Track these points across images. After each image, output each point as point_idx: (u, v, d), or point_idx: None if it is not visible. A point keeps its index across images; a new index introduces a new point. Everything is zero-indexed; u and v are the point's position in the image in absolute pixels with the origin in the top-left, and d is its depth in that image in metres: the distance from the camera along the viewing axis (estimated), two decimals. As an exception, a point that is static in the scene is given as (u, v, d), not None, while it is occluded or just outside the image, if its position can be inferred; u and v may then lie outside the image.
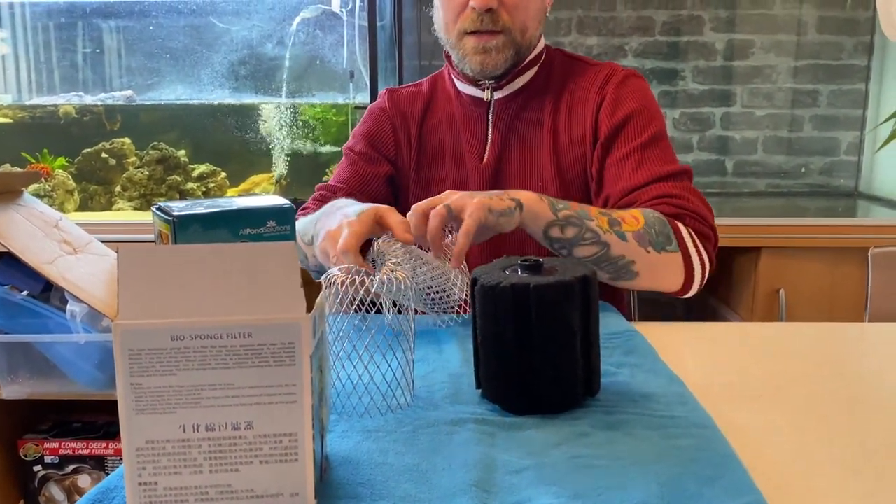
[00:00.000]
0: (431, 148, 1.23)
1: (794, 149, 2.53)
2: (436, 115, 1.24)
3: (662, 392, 0.73)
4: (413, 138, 1.23)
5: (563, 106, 1.18)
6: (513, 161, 1.19)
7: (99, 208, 2.32)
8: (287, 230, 0.67)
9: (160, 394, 0.48)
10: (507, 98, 1.19)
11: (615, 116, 1.13)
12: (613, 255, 0.97)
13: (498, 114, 1.20)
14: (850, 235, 1.93)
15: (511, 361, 0.68)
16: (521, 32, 1.13)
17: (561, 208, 0.96)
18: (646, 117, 1.14)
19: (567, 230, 0.95)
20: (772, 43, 2.48)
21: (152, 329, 0.47)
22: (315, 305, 0.51)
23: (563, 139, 1.17)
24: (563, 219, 0.95)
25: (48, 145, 2.29)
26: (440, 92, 1.26)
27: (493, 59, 1.12)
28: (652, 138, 1.12)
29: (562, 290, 0.67)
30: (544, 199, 0.96)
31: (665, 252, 0.99)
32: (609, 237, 0.96)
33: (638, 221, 0.99)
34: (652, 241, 0.99)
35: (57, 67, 2.47)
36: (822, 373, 0.85)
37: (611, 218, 0.98)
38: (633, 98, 1.15)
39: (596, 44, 2.49)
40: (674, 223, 1.03)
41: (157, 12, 2.41)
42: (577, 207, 0.98)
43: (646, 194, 1.07)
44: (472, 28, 1.11)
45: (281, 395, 0.49)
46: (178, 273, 0.49)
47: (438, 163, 1.22)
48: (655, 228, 1.00)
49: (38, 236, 0.52)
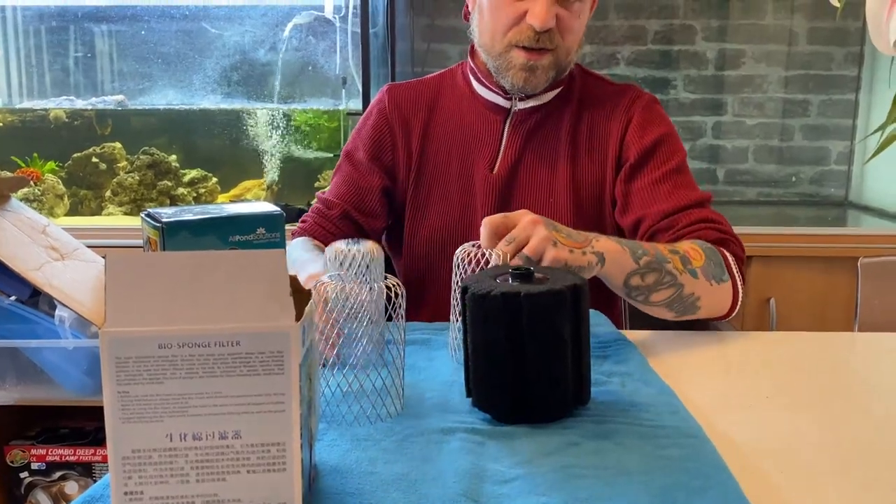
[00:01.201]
0: (436, 149, 1.19)
1: (785, 158, 2.55)
2: (443, 114, 1.20)
3: (652, 401, 0.73)
4: (415, 140, 1.19)
5: (583, 123, 1.17)
6: (526, 174, 1.17)
7: (89, 213, 2.31)
8: (276, 237, 0.66)
9: (147, 402, 0.47)
10: (529, 110, 1.17)
11: (645, 139, 1.14)
12: (686, 293, 0.96)
13: (515, 124, 1.17)
14: (840, 245, 1.94)
15: (501, 370, 0.68)
16: (567, 54, 1.12)
17: (641, 254, 0.93)
18: (673, 143, 1.15)
19: (648, 277, 0.93)
20: (763, 53, 2.49)
21: (139, 337, 0.47)
22: (304, 314, 0.50)
23: (581, 157, 1.16)
24: (645, 265, 0.92)
25: (38, 149, 2.28)
26: (450, 90, 1.22)
27: (537, 77, 1.11)
28: (680, 164, 1.14)
29: (553, 298, 0.67)
30: (625, 246, 0.93)
31: (721, 283, 1.00)
32: (684, 277, 0.95)
33: (700, 256, 0.98)
34: (714, 274, 0.99)
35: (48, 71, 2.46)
36: (812, 382, 0.85)
37: (681, 256, 0.96)
38: (660, 122, 1.16)
39: (588, 52, 2.50)
40: (721, 251, 1.03)
41: (149, 17, 2.40)
42: (652, 250, 0.95)
43: (685, 218, 1.08)
44: (525, 43, 1.08)
45: (269, 405, 0.48)
46: (165, 280, 0.49)
47: (443, 167, 1.18)
48: (713, 261, 1.00)
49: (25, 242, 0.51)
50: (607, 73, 2.50)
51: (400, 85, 1.24)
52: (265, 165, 2.36)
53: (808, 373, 0.88)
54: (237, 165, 2.38)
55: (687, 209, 1.09)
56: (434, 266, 1.17)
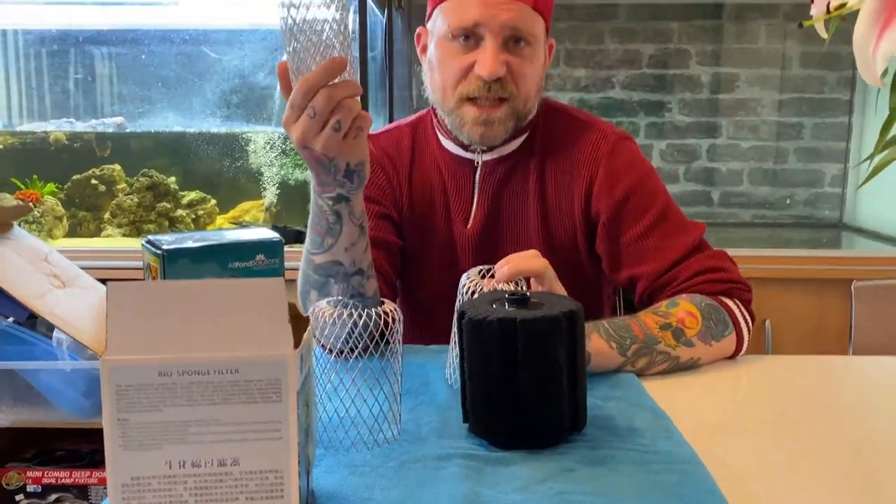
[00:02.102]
0: (421, 203, 1.16)
1: (779, 180, 2.57)
2: (423, 167, 1.17)
3: (648, 426, 0.74)
4: (403, 186, 1.16)
5: (548, 175, 1.13)
6: (499, 229, 1.14)
7: (87, 234, 2.32)
8: (276, 263, 0.67)
9: (147, 430, 0.48)
10: (495, 161, 1.13)
11: (615, 193, 1.08)
12: (683, 361, 0.95)
13: (483, 177, 1.13)
14: (834, 267, 1.95)
15: (498, 396, 0.69)
16: (524, 101, 1.07)
17: (629, 344, 0.91)
18: (648, 188, 1.10)
19: (638, 363, 0.92)
20: (756, 76, 2.52)
21: (140, 365, 0.48)
22: (302, 341, 0.51)
23: (551, 211, 1.13)
24: (634, 354, 0.92)
25: (38, 171, 2.29)
26: (423, 140, 1.18)
27: (493, 131, 1.06)
28: (661, 208, 1.08)
29: (548, 324, 0.68)
30: (612, 342, 0.91)
31: (723, 338, 0.98)
32: (679, 350, 0.94)
33: (696, 320, 0.96)
34: (713, 333, 0.97)
35: (48, 94, 2.48)
36: (806, 406, 0.85)
37: (674, 329, 0.94)
38: (629, 170, 1.10)
39: (584, 76, 2.52)
40: (725, 304, 1.01)
41: (149, 41, 2.42)
42: (641, 332, 0.93)
43: (684, 271, 1.05)
44: (476, 94, 1.04)
45: (267, 432, 0.49)
46: (165, 309, 0.49)
47: (429, 222, 1.16)
48: (713, 319, 0.98)
49: (28, 270, 0.52)
50: (602, 97, 2.53)
51: (379, 134, 1.21)
52: (263, 187, 2.38)
53: (803, 397, 0.89)
54: (236, 187, 2.40)
55: (682, 261, 1.05)
56: (435, 315, 1.13)
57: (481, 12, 1.01)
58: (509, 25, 1.02)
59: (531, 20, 1.04)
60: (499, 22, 1.01)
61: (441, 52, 1.07)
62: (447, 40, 1.05)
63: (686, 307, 0.98)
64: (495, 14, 1.01)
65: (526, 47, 1.05)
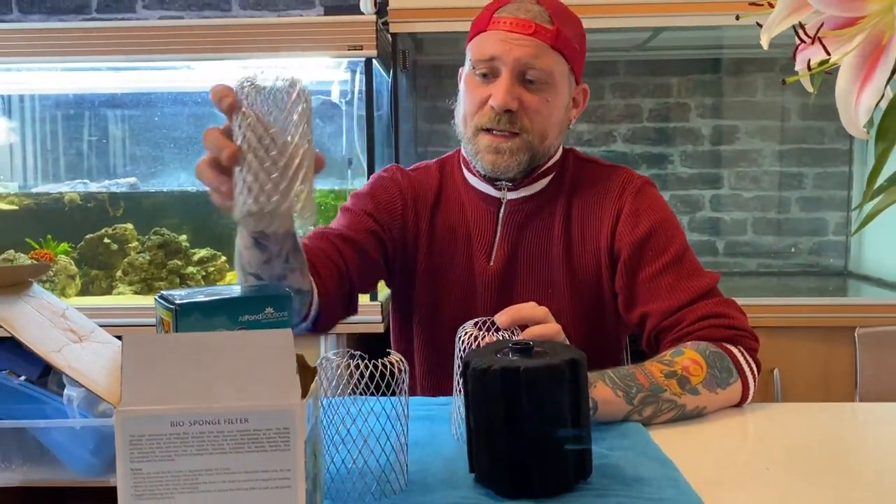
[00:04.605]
0: (443, 239, 1.18)
1: (784, 229, 2.59)
2: (448, 203, 1.20)
3: (654, 475, 0.74)
4: (424, 225, 1.19)
5: (575, 213, 1.16)
6: (522, 266, 1.16)
7: (100, 293, 2.34)
8: (284, 316, 0.69)
9: (159, 479, 0.49)
10: (520, 200, 1.16)
11: (637, 231, 1.12)
12: (689, 410, 0.95)
13: (508, 214, 1.16)
14: (840, 315, 1.95)
15: (502, 445, 0.69)
16: (541, 138, 1.11)
17: (636, 393, 0.92)
18: (669, 230, 1.13)
19: (645, 411, 0.92)
20: (756, 128, 2.57)
21: (153, 415, 0.49)
22: (309, 391, 0.53)
23: (575, 248, 1.15)
24: (640, 402, 0.92)
25: (53, 231, 2.34)
26: (449, 178, 1.22)
27: (505, 160, 1.10)
28: (679, 251, 1.11)
29: (551, 372, 0.69)
30: (619, 391, 0.91)
31: (729, 386, 0.99)
32: (685, 398, 0.95)
33: (701, 368, 0.96)
34: (718, 381, 0.98)
35: (63, 156, 2.55)
36: (813, 454, 0.85)
37: (679, 378, 0.95)
38: (652, 211, 1.14)
39: (586, 130, 2.58)
40: (729, 351, 1.02)
41: (162, 103, 2.49)
42: (647, 381, 0.93)
43: (691, 314, 1.06)
44: (488, 125, 1.09)
45: (276, 480, 0.50)
46: (177, 360, 0.51)
47: (448, 258, 1.18)
48: (718, 367, 0.98)
49: (46, 325, 0.54)
50: (604, 151, 2.57)
51: (406, 171, 1.25)
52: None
53: (810, 444, 0.89)
54: (245, 244, 2.42)
55: (691, 304, 1.07)
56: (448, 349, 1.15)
57: (498, 47, 1.07)
58: (522, 61, 1.07)
59: (548, 58, 1.08)
60: (513, 56, 1.07)
61: (465, 85, 1.14)
62: (471, 74, 1.12)
63: (690, 355, 0.98)
64: (510, 49, 1.07)
65: (542, 85, 1.09)
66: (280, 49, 2.01)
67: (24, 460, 1.63)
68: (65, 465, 1.61)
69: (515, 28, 1.07)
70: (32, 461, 1.61)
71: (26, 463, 1.62)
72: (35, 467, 1.60)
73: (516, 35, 1.07)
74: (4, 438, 1.63)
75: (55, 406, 1.61)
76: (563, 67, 1.11)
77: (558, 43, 1.08)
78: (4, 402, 1.61)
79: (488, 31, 1.09)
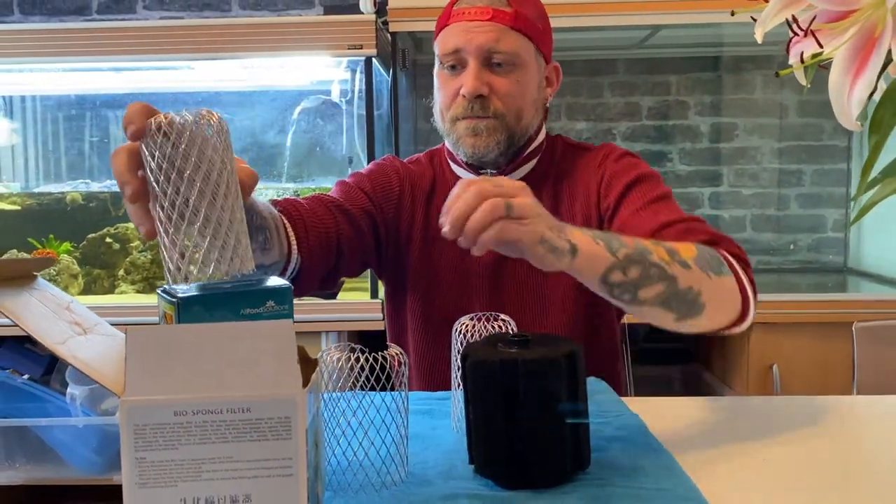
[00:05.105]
0: (437, 228, 1.19)
1: (783, 226, 2.59)
2: (442, 194, 1.18)
3: (651, 465, 0.75)
4: (419, 213, 1.20)
5: (563, 191, 1.17)
6: None
7: (102, 292, 2.35)
8: (285, 309, 0.70)
9: (162, 468, 0.50)
10: None
11: (618, 184, 1.12)
12: (681, 288, 0.87)
13: None
14: (839, 310, 1.96)
15: (501, 436, 0.70)
16: (516, 118, 1.12)
17: (618, 247, 0.84)
18: (651, 181, 1.13)
19: (630, 271, 0.83)
20: (755, 126, 2.58)
21: (156, 405, 0.50)
22: (310, 381, 0.54)
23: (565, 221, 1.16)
24: (625, 258, 0.83)
25: (55, 231, 2.35)
26: (439, 170, 1.24)
27: (483, 140, 1.11)
28: (663, 195, 1.10)
29: (548, 364, 0.70)
30: (599, 239, 0.84)
31: (722, 275, 0.92)
32: (674, 268, 0.86)
33: (690, 248, 0.91)
34: (711, 266, 0.91)
35: (65, 156, 2.56)
36: (810, 446, 0.86)
37: (667, 248, 0.88)
38: (633, 167, 1.14)
39: (585, 128, 2.58)
40: (718, 249, 0.97)
41: (164, 103, 2.51)
42: (631, 242, 0.87)
43: (671, 231, 1.02)
44: (463, 115, 1.11)
45: (278, 468, 0.51)
46: (181, 352, 0.52)
47: (441, 245, 1.18)
48: (708, 253, 0.93)
49: (51, 318, 0.55)
50: (605, 148, 2.58)
51: (407, 160, 1.27)
52: (273, 242, 2.42)
53: (807, 436, 0.89)
54: (246, 243, 2.44)
55: (671, 224, 1.03)
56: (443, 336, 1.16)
57: (461, 38, 1.10)
58: (485, 47, 1.09)
59: (511, 40, 1.10)
60: (475, 44, 1.09)
61: (437, 81, 1.16)
62: (440, 69, 1.15)
63: (679, 243, 0.93)
64: (472, 37, 1.09)
65: (509, 67, 1.11)
66: (280, 49, 2.02)
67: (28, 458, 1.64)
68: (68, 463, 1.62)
69: (474, 17, 1.09)
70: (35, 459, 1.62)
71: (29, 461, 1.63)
72: (38, 465, 1.61)
73: (476, 23, 1.09)
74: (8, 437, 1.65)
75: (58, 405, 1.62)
76: (528, 47, 1.12)
77: (518, 23, 1.10)
78: (8, 400, 1.62)
79: (450, 25, 1.11)
